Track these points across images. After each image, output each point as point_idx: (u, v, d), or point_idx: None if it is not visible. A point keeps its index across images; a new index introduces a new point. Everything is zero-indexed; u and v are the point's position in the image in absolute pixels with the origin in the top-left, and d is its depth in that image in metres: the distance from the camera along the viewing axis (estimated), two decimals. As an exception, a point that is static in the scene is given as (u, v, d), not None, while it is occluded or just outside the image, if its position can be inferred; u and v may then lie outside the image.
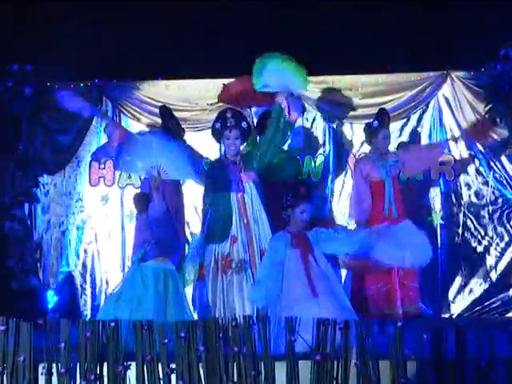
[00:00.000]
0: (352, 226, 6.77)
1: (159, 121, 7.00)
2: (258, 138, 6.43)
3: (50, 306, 7.33)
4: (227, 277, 5.89)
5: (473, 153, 7.28)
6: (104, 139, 7.26)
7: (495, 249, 7.19)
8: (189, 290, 5.95)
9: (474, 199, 7.26)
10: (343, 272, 6.72)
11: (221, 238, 5.95)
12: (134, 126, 7.39)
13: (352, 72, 7.29)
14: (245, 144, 6.22)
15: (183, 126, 7.02)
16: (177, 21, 7.38)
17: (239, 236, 5.95)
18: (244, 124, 6.07)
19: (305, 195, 5.48)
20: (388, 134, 6.59)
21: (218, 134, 6.12)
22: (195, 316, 5.73)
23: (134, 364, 4.55)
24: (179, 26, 7.38)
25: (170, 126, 6.83)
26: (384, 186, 6.50)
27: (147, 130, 7.20)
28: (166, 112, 6.91)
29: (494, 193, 7.24)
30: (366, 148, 6.99)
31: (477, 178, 7.28)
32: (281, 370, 4.45)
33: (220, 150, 6.80)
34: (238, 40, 7.19)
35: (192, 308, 5.77)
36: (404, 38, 7.23)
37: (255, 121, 6.73)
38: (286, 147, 6.67)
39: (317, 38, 7.24)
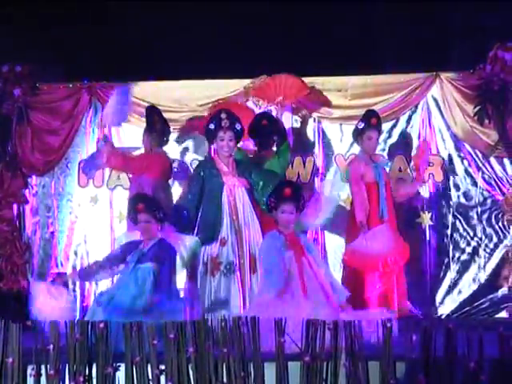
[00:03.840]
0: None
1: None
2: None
3: (39, 307, 7.28)
4: (215, 279, 5.87)
5: (462, 154, 7.30)
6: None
7: (484, 250, 7.19)
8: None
9: (462, 200, 7.27)
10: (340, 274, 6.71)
11: (210, 239, 5.92)
12: (124, 128, 7.37)
13: (341, 73, 7.30)
14: (236, 148, 6.22)
15: (172, 127, 7.02)
16: (168, 22, 7.37)
17: (229, 238, 5.92)
18: (238, 126, 6.04)
19: (287, 196, 5.43)
20: (373, 136, 6.57)
21: (211, 135, 6.08)
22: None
23: (123, 365, 4.55)
24: (170, 27, 7.36)
25: (155, 126, 6.84)
26: (377, 188, 6.50)
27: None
28: (152, 112, 6.90)
29: (482, 194, 7.25)
30: (356, 149, 7.00)
31: (465, 179, 7.29)
32: (270, 371, 4.45)
33: (210, 151, 6.80)
34: (230, 41, 7.18)
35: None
36: (393, 39, 7.24)
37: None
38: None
39: (306, 39, 7.25)
